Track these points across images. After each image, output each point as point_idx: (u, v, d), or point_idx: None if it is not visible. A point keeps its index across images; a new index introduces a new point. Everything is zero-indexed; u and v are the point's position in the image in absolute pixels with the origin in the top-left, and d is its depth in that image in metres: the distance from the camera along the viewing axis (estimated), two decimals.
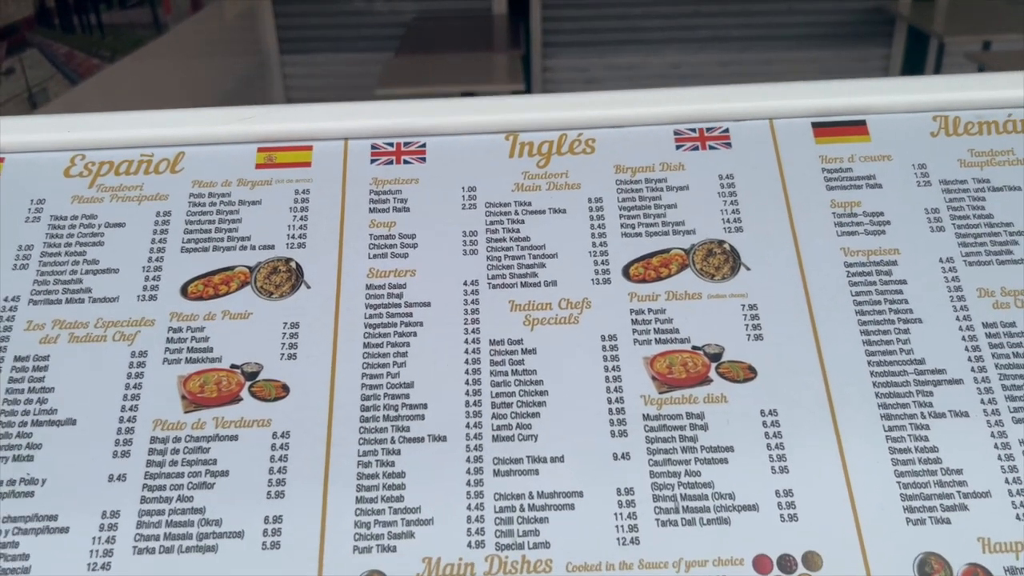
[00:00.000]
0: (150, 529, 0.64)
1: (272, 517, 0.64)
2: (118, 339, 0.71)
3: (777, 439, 0.67)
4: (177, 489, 0.65)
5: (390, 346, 0.71)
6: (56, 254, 0.75)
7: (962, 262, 0.74)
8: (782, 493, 0.65)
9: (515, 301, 0.73)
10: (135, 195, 0.78)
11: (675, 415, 0.68)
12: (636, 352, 0.71)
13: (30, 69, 2.55)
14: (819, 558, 0.62)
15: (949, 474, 0.65)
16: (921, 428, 0.67)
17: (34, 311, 0.72)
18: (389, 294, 0.73)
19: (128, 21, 3.24)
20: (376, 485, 0.65)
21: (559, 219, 0.77)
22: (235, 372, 0.69)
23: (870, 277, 0.73)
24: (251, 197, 0.78)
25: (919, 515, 0.64)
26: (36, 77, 2.58)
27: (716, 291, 0.73)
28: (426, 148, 0.80)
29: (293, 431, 0.67)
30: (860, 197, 0.77)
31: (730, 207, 0.77)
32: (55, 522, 0.64)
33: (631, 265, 0.74)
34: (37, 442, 0.67)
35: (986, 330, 0.71)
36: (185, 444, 0.67)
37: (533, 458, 0.66)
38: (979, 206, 0.76)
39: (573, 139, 0.80)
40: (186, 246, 0.75)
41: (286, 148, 0.80)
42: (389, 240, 0.76)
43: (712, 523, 0.64)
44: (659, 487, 0.65)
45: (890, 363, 0.69)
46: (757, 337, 0.71)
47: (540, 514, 0.64)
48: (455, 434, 0.67)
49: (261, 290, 0.73)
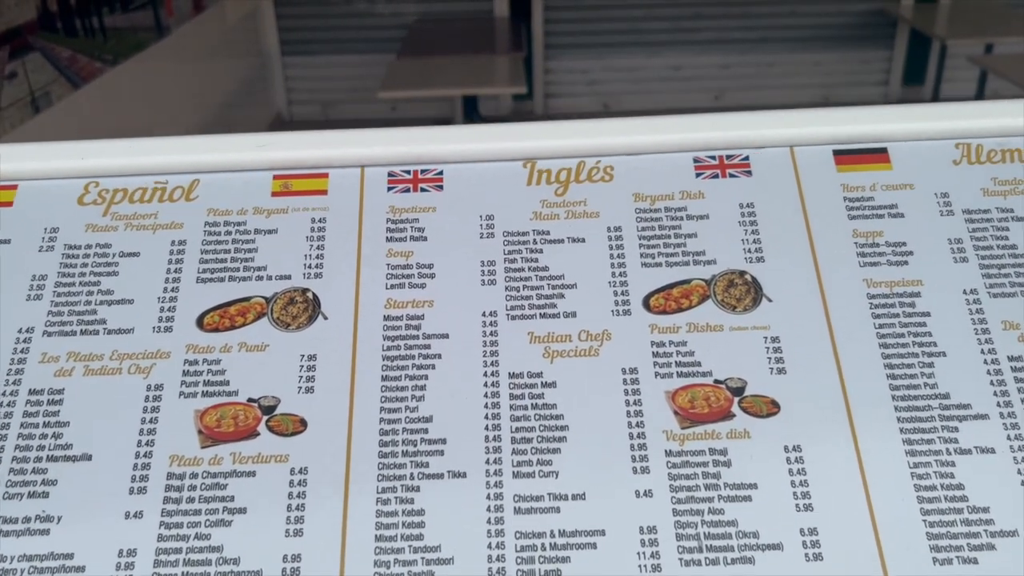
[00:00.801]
0: (167, 568, 0.63)
1: (291, 556, 0.63)
2: (133, 372, 0.70)
3: (801, 476, 0.66)
4: (194, 527, 0.64)
5: (408, 379, 0.70)
6: (70, 284, 0.74)
7: (986, 294, 0.73)
8: (807, 531, 0.64)
9: (534, 333, 0.72)
10: (150, 224, 0.77)
11: (698, 451, 0.67)
12: (658, 386, 0.70)
13: (33, 73, 2.54)
14: None
15: (976, 512, 0.65)
16: (947, 464, 0.66)
17: (48, 343, 0.71)
18: (407, 325, 0.73)
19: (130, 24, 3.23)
20: (395, 523, 0.65)
21: (578, 248, 0.76)
22: (252, 406, 0.69)
23: (893, 309, 0.72)
24: (267, 226, 0.77)
25: (946, 554, 0.63)
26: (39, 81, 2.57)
27: (738, 323, 0.72)
28: (443, 176, 0.79)
29: (311, 467, 0.66)
30: (882, 227, 0.76)
31: (751, 236, 0.76)
32: (71, 560, 0.63)
33: (651, 296, 0.74)
34: (52, 478, 0.66)
35: (1011, 363, 0.70)
36: (202, 480, 0.66)
37: (554, 495, 0.66)
38: (1003, 236, 0.75)
39: (591, 166, 0.79)
40: (201, 276, 0.75)
41: (302, 176, 0.79)
42: (407, 270, 0.75)
43: (736, 562, 0.63)
44: (682, 525, 0.64)
45: (914, 397, 0.69)
46: (780, 371, 0.70)
47: (562, 553, 0.64)
48: (475, 470, 0.67)
49: (278, 321, 0.72)
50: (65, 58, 2.77)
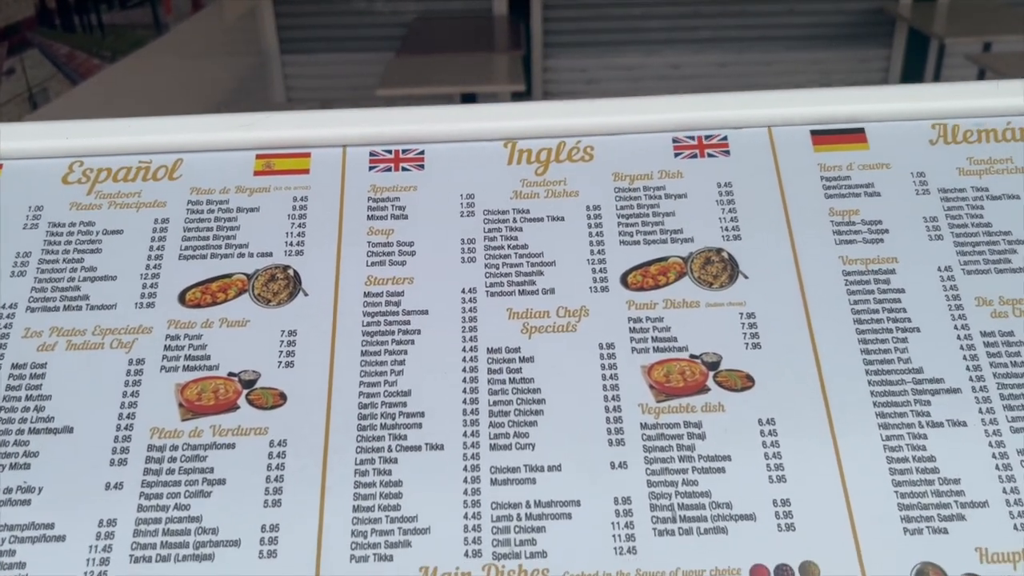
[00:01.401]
0: (147, 538, 0.64)
1: (269, 526, 0.64)
2: (116, 347, 0.71)
3: (775, 448, 0.67)
4: (174, 498, 0.65)
5: (388, 354, 0.71)
6: (54, 261, 0.75)
7: (960, 271, 0.73)
8: (779, 502, 0.65)
9: (513, 309, 0.73)
10: (133, 202, 0.78)
11: (673, 424, 0.68)
12: (634, 360, 0.70)
13: (31, 69, 2.55)
14: (816, 568, 0.62)
15: (947, 483, 0.65)
16: (919, 437, 0.67)
17: (32, 318, 0.72)
18: (387, 302, 0.73)
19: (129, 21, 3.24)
20: (373, 494, 0.65)
21: (557, 227, 0.76)
22: (232, 380, 0.69)
23: (868, 286, 0.73)
24: (249, 204, 0.78)
25: (916, 524, 0.64)
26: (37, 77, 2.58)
27: (714, 299, 0.73)
28: (424, 155, 0.80)
29: (290, 439, 0.67)
30: (858, 205, 0.77)
31: (728, 215, 0.77)
32: (52, 530, 0.64)
33: (629, 273, 0.74)
34: (34, 450, 0.67)
35: (984, 339, 0.71)
36: (182, 452, 0.67)
37: (530, 467, 0.66)
38: (978, 215, 0.76)
39: (572, 146, 0.80)
40: (184, 253, 0.75)
41: (284, 155, 0.80)
42: (387, 248, 0.76)
43: (709, 532, 0.64)
44: (656, 496, 0.65)
45: (888, 372, 0.69)
46: (755, 346, 0.71)
47: (537, 523, 0.64)
48: (452, 443, 0.67)
49: (259, 298, 0.73)
50: (63, 54, 2.78)
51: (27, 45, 2.57)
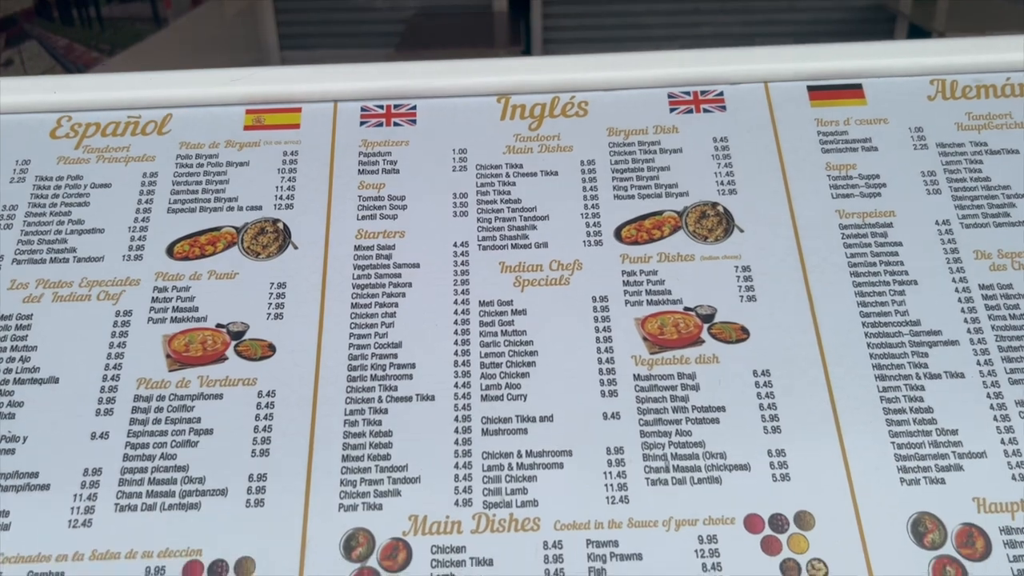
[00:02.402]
0: (132, 487, 0.63)
1: (257, 475, 0.63)
2: (103, 298, 0.70)
3: (770, 399, 0.66)
4: (160, 447, 0.64)
5: (378, 306, 0.70)
6: (41, 214, 0.74)
7: (959, 224, 0.73)
8: (774, 453, 0.64)
9: (505, 262, 0.72)
10: (121, 156, 0.77)
11: (666, 375, 0.67)
12: (627, 313, 0.69)
13: (29, 60, 2.54)
14: (812, 518, 0.61)
15: (944, 434, 0.64)
16: (916, 389, 0.66)
17: (18, 270, 0.71)
18: (378, 255, 0.72)
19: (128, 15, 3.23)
20: (363, 444, 0.64)
21: (551, 181, 0.76)
22: (221, 331, 0.68)
23: (865, 239, 0.72)
24: (239, 159, 0.77)
25: (913, 475, 0.63)
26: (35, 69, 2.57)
27: (709, 253, 0.72)
28: (416, 110, 0.79)
29: (279, 390, 0.66)
30: (856, 160, 0.76)
31: (724, 170, 0.76)
32: (36, 479, 0.63)
33: (623, 227, 0.73)
34: (19, 400, 0.66)
35: (983, 292, 0.70)
36: (169, 403, 0.66)
37: (522, 417, 0.65)
38: (976, 169, 0.75)
39: (566, 102, 0.79)
40: (172, 207, 0.75)
41: (275, 110, 0.79)
42: (378, 201, 0.75)
43: (703, 482, 0.63)
44: (649, 446, 0.64)
45: (885, 324, 0.68)
46: (750, 298, 0.70)
47: (528, 472, 0.63)
48: (443, 394, 0.66)
49: (248, 250, 0.72)
50: (62, 47, 2.77)
51: (25, 36, 2.57)
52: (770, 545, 0.60)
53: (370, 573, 0.60)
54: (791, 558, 0.60)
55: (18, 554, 0.60)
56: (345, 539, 0.61)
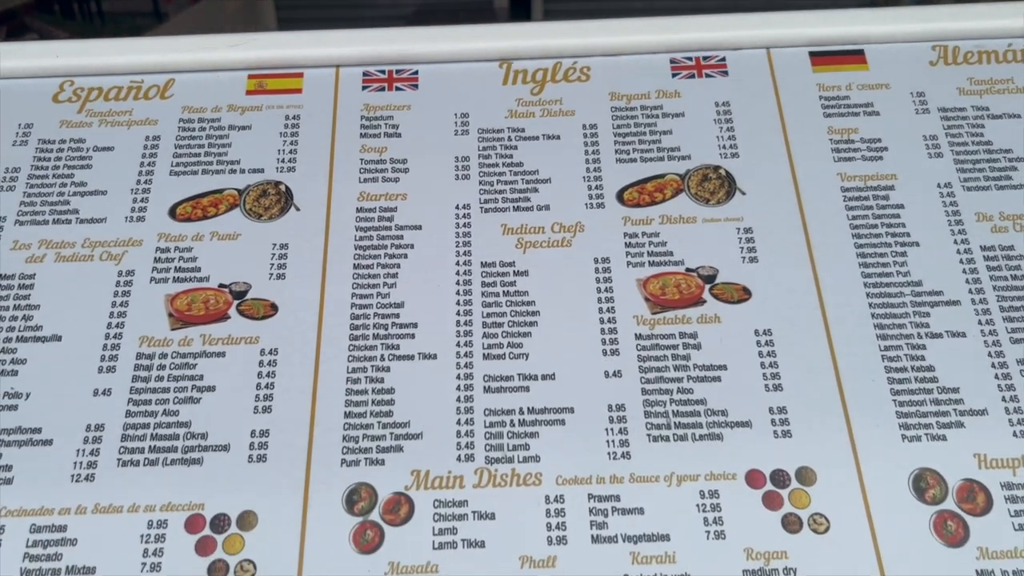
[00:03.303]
0: (135, 442, 0.63)
1: (259, 431, 0.63)
2: (105, 259, 0.70)
3: (771, 358, 0.66)
4: (163, 404, 0.64)
5: (380, 267, 0.70)
6: (43, 176, 0.74)
7: (960, 187, 0.73)
8: (776, 410, 0.64)
9: (507, 225, 0.72)
10: (124, 120, 0.77)
11: (668, 335, 0.67)
12: (629, 274, 0.70)
13: None
14: (813, 473, 0.62)
15: (945, 392, 0.64)
16: (917, 348, 0.66)
17: (20, 231, 0.71)
18: (380, 217, 0.72)
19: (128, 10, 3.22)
20: (365, 400, 0.64)
21: (553, 145, 0.76)
22: (223, 291, 0.69)
23: (867, 202, 0.72)
24: (241, 122, 0.77)
25: (915, 432, 0.63)
26: None
27: (711, 215, 0.72)
28: (418, 75, 0.79)
29: (281, 348, 0.66)
30: (858, 124, 0.76)
31: (726, 133, 0.76)
32: (39, 435, 0.63)
33: (625, 190, 0.73)
34: (22, 357, 0.66)
35: (984, 253, 0.70)
36: (171, 360, 0.66)
37: (524, 375, 0.66)
38: (978, 133, 0.75)
39: (568, 67, 0.79)
40: (175, 169, 0.75)
41: (277, 75, 0.79)
42: (380, 165, 0.75)
43: (704, 439, 0.63)
44: (651, 404, 0.64)
45: (886, 284, 0.69)
46: (752, 259, 0.70)
47: (530, 429, 0.63)
48: (445, 352, 0.67)
49: (250, 212, 0.72)
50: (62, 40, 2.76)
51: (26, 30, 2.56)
52: (772, 500, 0.61)
53: (372, 527, 0.60)
54: (793, 513, 0.60)
55: (21, 507, 0.60)
56: (347, 493, 0.61)
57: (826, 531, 0.59)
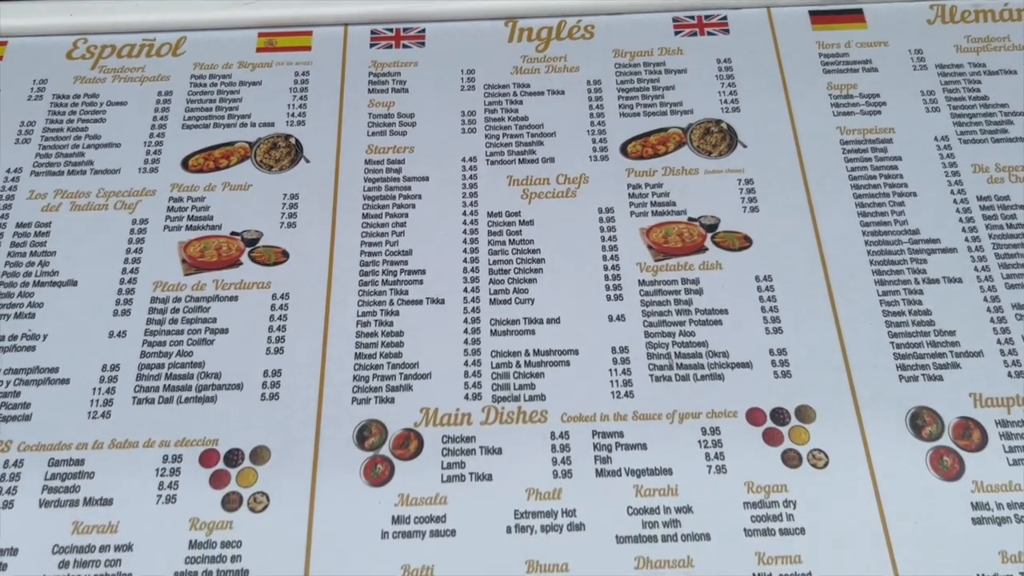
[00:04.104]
0: (150, 381, 0.64)
1: (271, 371, 0.65)
2: (119, 208, 0.72)
3: (772, 303, 0.67)
4: (177, 345, 0.66)
5: (389, 216, 0.72)
6: (58, 129, 0.76)
7: (957, 140, 0.74)
8: (776, 352, 0.65)
9: (513, 176, 0.74)
10: (137, 76, 0.79)
11: (670, 280, 0.69)
12: (633, 224, 0.71)
13: None
14: (812, 411, 0.63)
15: (942, 335, 0.66)
16: (915, 293, 0.68)
17: (36, 182, 0.73)
18: (388, 168, 0.74)
19: None
20: (375, 343, 0.66)
21: (557, 100, 0.77)
22: (235, 239, 0.70)
23: (865, 154, 0.74)
24: (251, 78, 0.78)
25: (912, 372, 0.64)
26: None
27: (713, 167, 0.74)
28: (425, 33, 0.81)
29: (293, 293, 0.68)
30: (856, 80, 0.77)
31: (727, 89, 0.77)
32: (56, 374, 0.65)
33: (629, 143, 0.75)
34: (39, 301, 0.68)
35: (980, 203, 0.71)
36: (185, 304, 0.67)
37: (530, 319, 0.67)
38: (975, 88, 0.77)
39: (572, 25, 0.81)
40: (187, 123, 0.76)
41: (286, 33, 0.81)
42: (388, 119, 0.76)
43: (706, 379, 0.65)
44: (653, 346, 0.66)
45: (884, 233, 0.70)
46: (753, 209, 0.71)
47: (536, 369, 0.65)
48: (453, 297, 0.68)
49: (261, 164, 0.74)
50: None
51: None
52: (772, 436, 0.62)
53: (382, 461, 0.61)
54: (792, 448, 0.62)
55: (39, 443, 0.62)
56: (358, 430, 0.62)
57: (825, 466, 0.61)
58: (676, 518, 0.59)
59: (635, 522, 0.59)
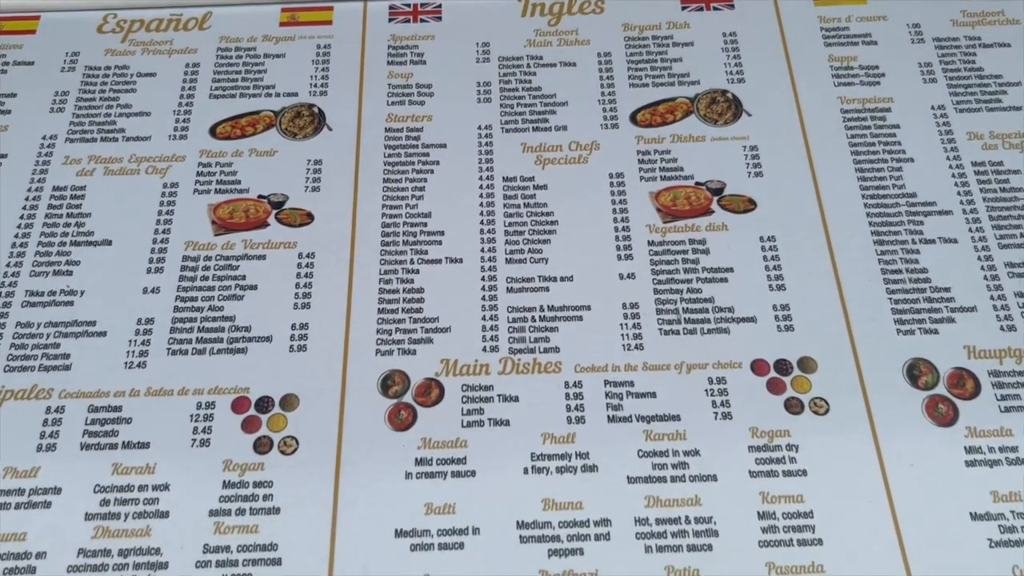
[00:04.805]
0: (183, 334, 0.68)
1: (299, 324, 0.68)
2: (151, 172, 0.75)
3: (775, 261, 0.71)
4: (208, 300, 0.69)
5: (408, 181, 0.75)
6: (91, 99, 0.79)
7: (953, 109, 0.77)
8: (779, 307, 0.69)
9: (527, 143, 0.77)
10: (165, 49, 0.82)
11: (678, 241, 0.72)
12: (642, 188, 0.74)
13: None
14: (814, 362, 0.66)
15: (938, 291, 0.69)
16: (912, 252, 0.71)
17: (71, 148, 0.76)
18: (407, 136, 0.77)
19: None
20: (397, 299, 0.69)
21: (569, 71, 0.80)
22: (262, 201, 0.73)
23: (865, 122, 0.77)
24: (275, 51, 0.82)
25: (909, 326, 0.68)
26: None
27: (719, 134, 0.77)
28: (442, 9, 0.84)
29: (318, 252, 0.71)
30: (857, 52, 0.81)
31: (733, 61, 0.80)
32: (93, 327, 0.68)
33: (638, 112, 0.78)
34: (75, 259, 0.71)
35: (975, 168, 0.74)
36: (215, 262, 0.71)
37: (544, 277, 0.70)
38: (970, 60, 0.80)
39: (583, 1, 0.84)
40: (214, 93, 0.80)
41: (308, 8, 0.84)
42: (407, 89, 0.80)
43: (712, 332, 0.68)
44: (662, 302, 0.69)
45: (883, 196, 0.73)
46: (757, 174, 0.75)
47: (551, 324, 0.68)
48: (470, 257, 0.71)
49: (286, 131, 0.77)
50: None
51: None
52: (775, 386, 0.65)
53: (406, 407, 0.65)
54: (795, 397, 0.65)
55: (79, 390, 0.65)
56: (382, 379, 0.66)
57: (826, 413, 0.64)
58: (684, 460, 0.62)
59: (645, 464, 0.62)
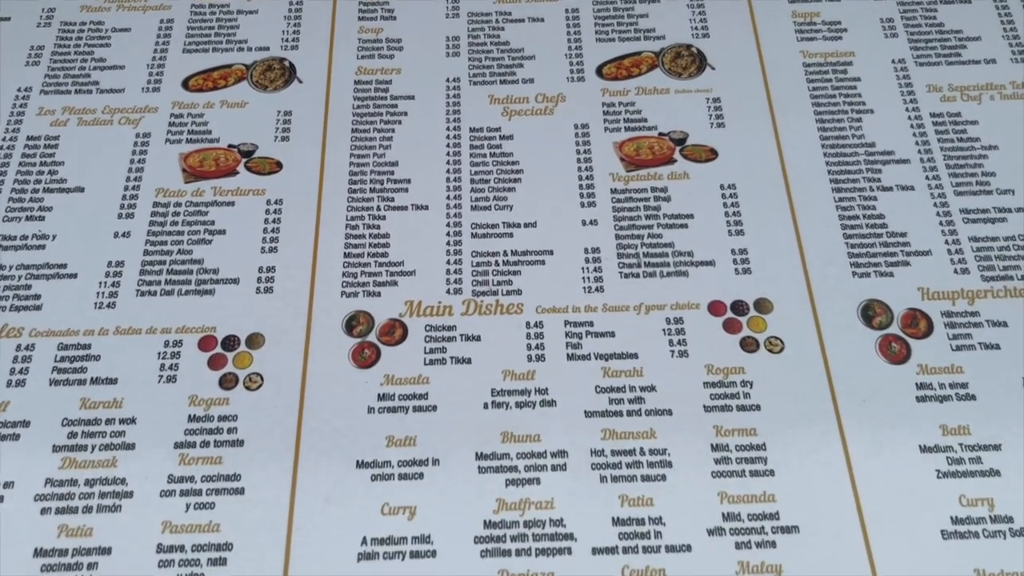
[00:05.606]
0: (152, 276, 0.69)
1: (266, 267, 0.69)
2: (123, 123, 0.76)
3: (735, 208, 0.72)
4: (177, 244, 0.70)
5: (376, 131, 0.76)
6: (66, 53, 0.80)
7: (913, 63, 0.79)
8: (737, 251, 0.70)
9: (494, 95, 0.78)
10: (139, 5, 0.83)
11: (640, 189, 0.73)
12: (606, 138, 0.76)
13: None
14: (770, 304, 0.68)
15: (894, 236, 0.71)
16: (869, 199, 0.72)
17: (45, 99, 0.78)
18: (376, 88, 0.79)
19: None
20: (363, 244, 0.71)
21: (537, 27, 0.82)
22: (232, 150, 0.75)
23: (827, 75, 0.78)
24: (248, 7, 0.83)
25: (864, 269, 0.69)
26: None
27: (683, 87, 0.78)
28: None
29: (286, 199, 0.73)
30: (819, 8, 0.82)
31: (698, 17, 0.82)
32: (64, 269, 0.69)
33: (604, 65, 0.80)
34: (48, 205, 0.72)
35: (933, 119, 0.76)
36: (185, 208, 0.72)
37: (508, 223, 0.72)
38: (931, 16, 0.81)
39: None
40: (187, 48, 0.81)
41: None
42: (376, 43, 0.81)
43: (671, 275, 0.69)
44: (623, 247, 0.70)
45: (842, 146, 0.75)
46: (720, 125, 0.76)
47: (514, 268, 0.70)
48: (436, 204, 0.73)
49: (257, 84, 0.78)
50: None
51: None
52: (731, 325, 0.67)
53: (370, 346, 0.66)
54: (750, 336, 0.66)
55: (49, 329, 0.66)
56: (347, 319, 0.67)
57: (780, 351, 0.65)
58: (640, 395, 0.64)
59: (602, 399, 0.64)
